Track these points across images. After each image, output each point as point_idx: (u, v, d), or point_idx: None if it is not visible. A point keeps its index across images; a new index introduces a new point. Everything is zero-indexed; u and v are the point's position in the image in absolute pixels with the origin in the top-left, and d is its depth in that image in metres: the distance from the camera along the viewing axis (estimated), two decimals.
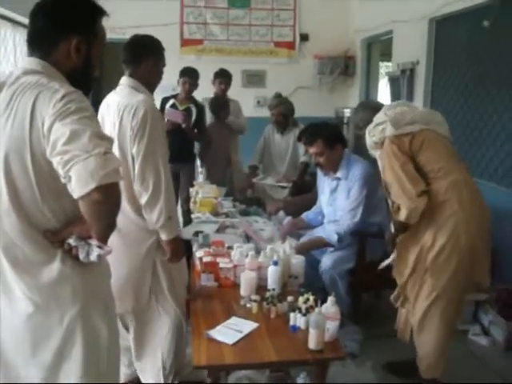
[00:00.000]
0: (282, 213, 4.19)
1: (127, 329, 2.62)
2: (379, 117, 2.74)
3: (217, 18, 7.29)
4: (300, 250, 3.23)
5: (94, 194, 1.34)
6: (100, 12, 1.64)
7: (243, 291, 2.67)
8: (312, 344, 2.14)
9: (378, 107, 2.92)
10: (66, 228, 1.53)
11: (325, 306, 2.27)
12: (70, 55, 1.55)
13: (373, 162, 3.52)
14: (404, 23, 5.60)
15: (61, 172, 1.37)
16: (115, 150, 2.28)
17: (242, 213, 4.16)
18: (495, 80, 4.29)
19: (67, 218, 1.54)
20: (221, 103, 5.17)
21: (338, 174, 3.44)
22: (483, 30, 4.25)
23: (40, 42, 1.55)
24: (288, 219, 4.08)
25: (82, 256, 1.52)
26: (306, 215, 3.85)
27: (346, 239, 3.36)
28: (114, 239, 2.35)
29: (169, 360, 2.56)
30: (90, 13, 1.60)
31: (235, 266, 2.84)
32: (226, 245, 3.11)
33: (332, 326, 2.22)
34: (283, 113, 5.04)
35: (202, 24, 7.27)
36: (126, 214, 2.35)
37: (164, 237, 2.36)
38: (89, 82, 1.66)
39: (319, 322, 2.13)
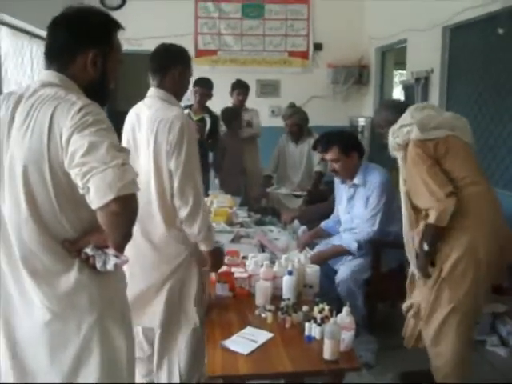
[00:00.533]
0: (296, 222, 4.19)
1: (147, 339, 2.64)
2: (405, 118, 2.68)
3: (231, 28, 7.34)
4: (318, 260, 3.23)
5: (112, 204, 1.37)
6: (116, 25, 1.67)
7: (258, 301, 2.67)
8: (327, 354, 2.13)
9: (401, 107, 2.87)
10: (83, 237, 1.55)
11: (340, 316, 2.26)
12: (86, 68, 1.58)
13: (390, 169, 3.53)
14: (418, 31, 5.58)
15: (79, 183, 1.40)
16: (150, 164, 2.33)
17: (257, 222, 4.17)
18: (510, 88, 4.26)
19: (84, 228, 1.56)
20: (232, 113, 5.21)
21: (356, 181, 3.44)
22: (497, 38, 4.23)
23: (58, 56, 1.58)
24: (303, 228, 4.08)
25: (99, 265, 1.54)
26: (325, 224, 3.84)
27: (366, 247, 3.34)
28: (147, 253, 2.41)
29: (185, 372, 2.55)
30: (106, 26, 1.63)
31: (250, 276, 2.84)
32: (241, 254, 3.11)
33: (347, 336, 2.21)
34: (297, 123, 5.05)
35: (216, 34, 7.32)
36: (160, 229, 2.38)
37: (204, 248, 2.41)
38: (105, 95, 1.69)
39: (334, 332, 2.13)
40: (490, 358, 3.33)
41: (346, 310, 2.29)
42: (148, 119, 2.38)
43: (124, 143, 2.48)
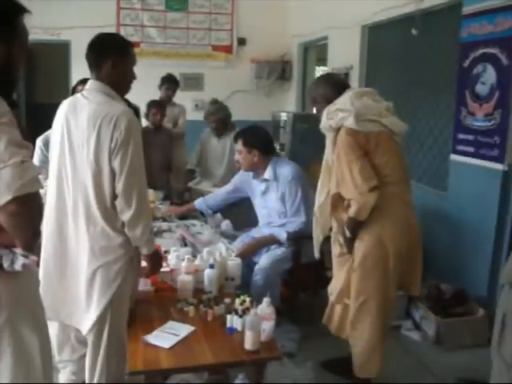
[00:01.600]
0: (219, 215, 4.19)
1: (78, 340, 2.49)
2: (344, 103, 2.63)
3: (154, 20, 7.24)
4: (250, 249, 3.33)
5: (10, 205, 1.30)
6: (20, 9, 1.53)
7: (180, 295, 2.67)
8: (248, 345, 2.16)
9: (340, 85, 2.81)
10: None
11: (260, 306, 2.30)
12: None
13: (309, 164, 3.60)
14: (338, 29, 5.75)
15: None
16: (89, 162, 2.17)
17: (180, 217, 4.14)
18: (423, 85, 4.48)
19: None
20: (153, 107, 5.15)
21: (266, 176, 3.52)
22: (412, 38, 4.42)
23: None
24: (226, 222, 4.11)
25: (6, 265, 1.46)
26: (198, 203, 3.99)
27: (300, 233, 3.41)
28: (84, 257, 2.24)
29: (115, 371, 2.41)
30: (6, 12, 1.50)
31: (172, 270, 2.83)
32: (163, 249, 3.08)
33: (268, 326, 2.25)
34: (221, 118, 5.04)
35: (139, 26, 7.19)
36: (99, 230, 2.23)
37: (145, 251, 2.30)
38: (10, 85, 1.57)
39: (254, 322, 2.16)
40: (404, 341, 3.49)
41: (266, 300, 2.33)
42: (89, 114, 2.20)
43: (56, 137, 2.31)
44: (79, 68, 6.66)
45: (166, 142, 5.21)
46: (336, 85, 2.84)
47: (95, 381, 2.33)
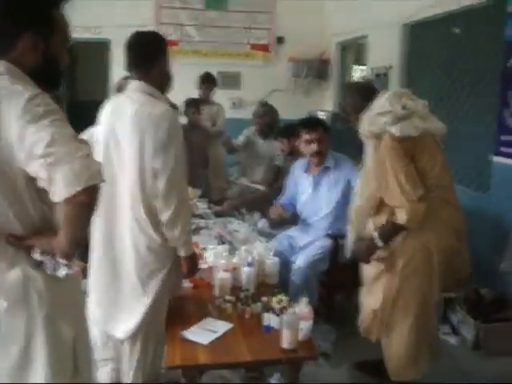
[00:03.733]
0: (256, 213, 4.21)
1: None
2: (382, 105, 2.55)
3: (193, 19, 7.29)
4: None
5: (80, 195, 1.32)
6: (55, 2, 1.52)
7: (218, 292, 2.69)
8: (285, 343, 2.17)
9: (369, 93, 2.75)
10: (31, 236, 1.47)
11: (298, 306, 2.30)
12: (28, 53, 1.46)
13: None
14: (378, 28, 5.68)
15: (43, 175, 1.34)
16: (133, 161, 2.20)
17: (217, 214, 4.18)
18: (464, 86, 4.39)
19: (33, 227, 1.48)
20: (191, 105, 5.22)
21: (327, 164, 3.58)
22: (454, 37, 4.35)
23: None
24: (263, 221, 4.12)
25: (49, 271, 1.48)
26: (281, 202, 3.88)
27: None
28: (130, 265, 2.27)
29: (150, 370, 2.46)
30: (43, 5, 1.50)
31: (210, 268, 2.86)
32: (201, 246, 3.12)
33: (305, 325, 2.26)
34: (268, 123, 5.08)
35: (178, 25, 7.25)
36: (143, 230, 2.24)
37: (183, 253, 2.30)
38: (55, 79, 1.59)
39: (292, 321, 2.17)
40: (442, 346, 3.43)
41: (304, 299, 2.33)
42: (132, 114, 2.21)
43: (101, 136, 2.34)
44: (119, 66, 6.78)
45: (203, 140, 5.26)
46: (364, 93, 2.80)
47: (131, 378, 2.39)
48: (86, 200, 1.34)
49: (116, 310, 2.32)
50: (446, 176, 2.63)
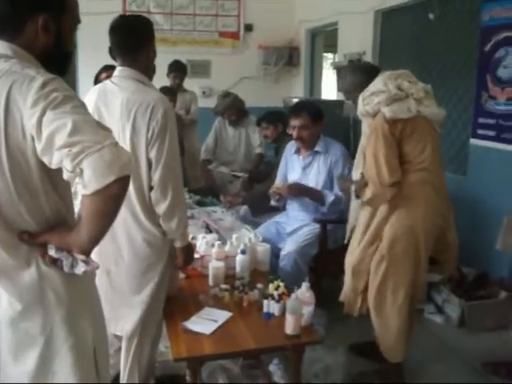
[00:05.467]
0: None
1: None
2: (377, 85, 2.58)
3: (160, 7, 7.17)
4: (296, 190, 3.47)
5: (113, 186, 1.22)
6: None
7: (212, 281, 2.67)
8: (289, 329, 2.17)
9: (370, 71, 2.78)
10: (45, 232, 1.39)
11: (300, 291, 2.30)
12: (38, 35, 1.39)
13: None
14: (349, 15, 5.70)
15: (68, 166, 1.23)
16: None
17: (199, 203, 4.14)
18: (440, 71, 4.46)
19: (47, 222, 1.40)
20: (167, 94, 5.12)
21: (317, 148, 3.57)
22: (428, 23, 4.40)
23: (5, 25, 1.38)
24: (244, 208, 4.12)
25: (66, 268, 1.39)
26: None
27: (337, 208, 3.45)
28: (129, 260, 2.22)
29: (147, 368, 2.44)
30: None
31: (202, 257, 2.84)
32: (190, 235, 3.08)
33: (308, 310, 2.27)
34: (239, 109, 5.03)
35: (146, 13, 7.10)
36: (139, 223, 2.19)
37: (179, 244, 2.26)
38: (65, 61, 1.51)
39: (296, 307, 2.17)
40: (427, 325, 3.52)
41: (305, 285, 2.34)
42: (122, 102, 2.12)
43: None
44: (85, 54, 6.64)
45: (178, 129, 5.18)
46: (365, 70, 2.83)
47: (127, 373, 2.36)
48: (118, 191, 1.24)
49: (113, 306, 2.27)
50: (435, 160, 2.66)
